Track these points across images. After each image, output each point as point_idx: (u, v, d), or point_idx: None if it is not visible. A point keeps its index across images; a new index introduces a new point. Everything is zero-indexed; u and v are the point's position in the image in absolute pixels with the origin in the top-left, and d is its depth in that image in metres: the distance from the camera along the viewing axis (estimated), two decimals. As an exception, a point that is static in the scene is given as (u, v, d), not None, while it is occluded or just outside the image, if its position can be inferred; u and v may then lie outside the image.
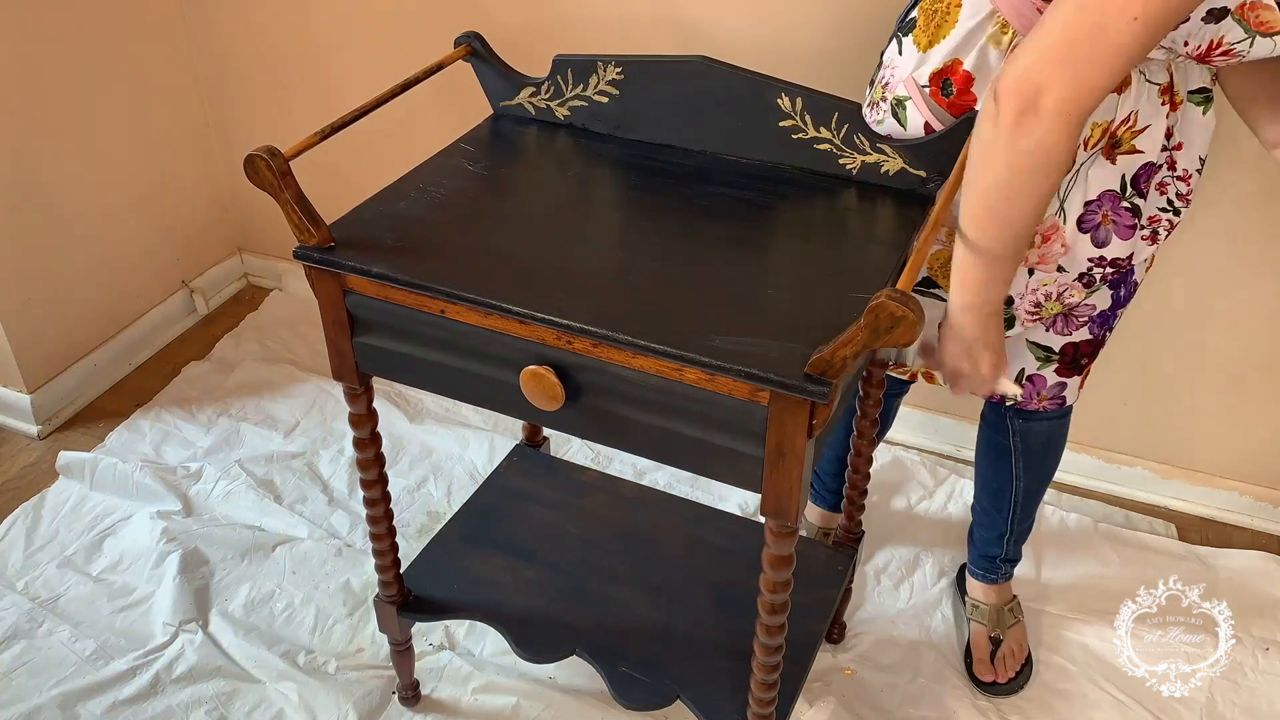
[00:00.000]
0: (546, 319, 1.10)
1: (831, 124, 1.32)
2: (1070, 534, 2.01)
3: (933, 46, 1.25)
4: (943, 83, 1.25)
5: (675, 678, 1.46)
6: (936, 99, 1.26)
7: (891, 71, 1.31)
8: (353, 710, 1.68)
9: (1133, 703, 1.71)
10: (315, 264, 1.20)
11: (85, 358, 2.34)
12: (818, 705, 1.68)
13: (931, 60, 1.25)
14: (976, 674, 1.74)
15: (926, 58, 1.26)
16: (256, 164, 1.14)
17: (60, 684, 1.71)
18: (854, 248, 1.25)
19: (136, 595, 1.88)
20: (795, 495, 1.09)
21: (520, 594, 1.58)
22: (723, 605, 1.55)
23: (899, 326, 0.94)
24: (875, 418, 1.54)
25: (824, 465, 1.86)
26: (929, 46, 1.25)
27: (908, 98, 1.28)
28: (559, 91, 1.44)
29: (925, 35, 1.26)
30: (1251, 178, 1.75)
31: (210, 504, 2.07)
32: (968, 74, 1.23)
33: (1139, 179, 1.28)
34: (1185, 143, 1.30)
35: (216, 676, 1.74)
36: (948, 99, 1.25)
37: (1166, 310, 1.92)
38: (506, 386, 1.18)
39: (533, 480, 1.77)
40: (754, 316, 1.10)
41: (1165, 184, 1.33)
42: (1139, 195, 1.29)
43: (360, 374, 1.30)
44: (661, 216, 1.30)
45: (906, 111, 1.29)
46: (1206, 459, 2.06)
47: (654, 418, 1.12)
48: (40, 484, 2.12)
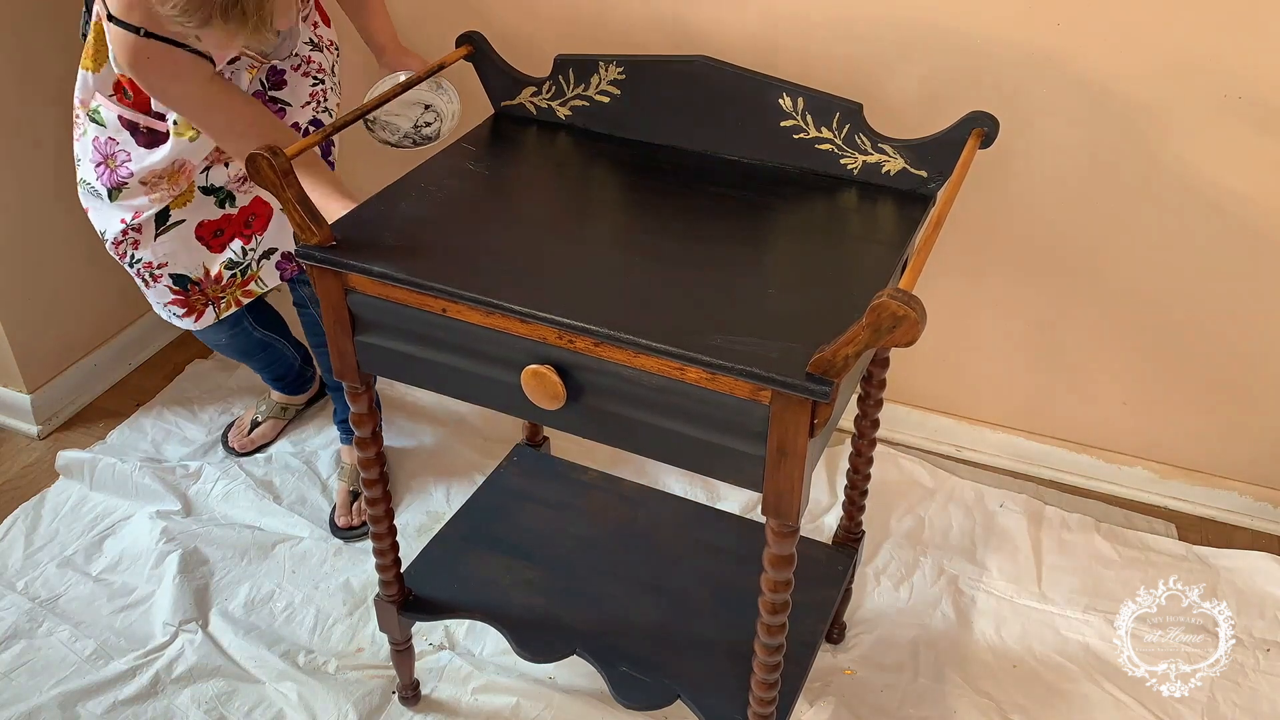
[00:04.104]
0: (548, 318, 1.10)
1: (833, 124, 1.32)
2: (1070, 534, 2.01)
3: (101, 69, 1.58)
4: (121, 90, 1.59)
5: (675, 678, 1.46)
6: (124, 103, 1.59)
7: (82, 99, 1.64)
8: (353, 710, 1.68)
9: (1133, 703, 1.71)
10: (317, 263, 1.20)
11: (85, 358, 2.34)
12: (818, 705, 1.68)
13: (105, 77, 1.58)
14: (337, 521, 2.02)
15: (100, 76, 1.58)
16: (259, 163, 1.14)
17: (60, 684, 1.71)
18: (855, 247, 1.25)
19: (136, 595, 1.88)
20: (796, 495, 1.09)
21: (520, 594, 1.58)
22: (723, 605, 1.55)
23: (900, 326, 0.94)
24: (875, 418, 1.54)
25: None
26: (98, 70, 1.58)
27: (101, 106, 1.60)
28: (560, 91, 1.44)
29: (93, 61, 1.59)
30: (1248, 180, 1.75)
31: (210, 504, 2.07)
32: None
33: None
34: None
35: (216, 676, 1.74)
36: (130, 100, 1.59)
37: (1166, 310, 1.92)
38: (508, 386, 1.18)
39: (533, 480, 1.77)
40: (755, 316, 1.10)
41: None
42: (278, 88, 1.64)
43: (361, 373, 1.30)
44: (663, 216, 1.30)
45: (102, 115, 1.60)
46: (1206, 459, 2.06)
47: (655, 417, 1.12)
48: (40, 484, 2.12)
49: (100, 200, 1.67)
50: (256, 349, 2.08)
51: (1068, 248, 1.92)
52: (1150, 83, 1.71)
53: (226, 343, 2.01)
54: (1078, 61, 1.73)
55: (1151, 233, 1.85)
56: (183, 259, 1.72)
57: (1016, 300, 2.01)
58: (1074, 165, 1.83)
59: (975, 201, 1.89)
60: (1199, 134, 1.73)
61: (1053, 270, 1.95)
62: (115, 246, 1.71)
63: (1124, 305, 1.94)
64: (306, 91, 1.67)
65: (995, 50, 1.76)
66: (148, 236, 1.70)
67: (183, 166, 1.64)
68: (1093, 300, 1.96)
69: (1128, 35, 1.69)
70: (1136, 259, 1.89)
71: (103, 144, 1.62)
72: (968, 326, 2.07)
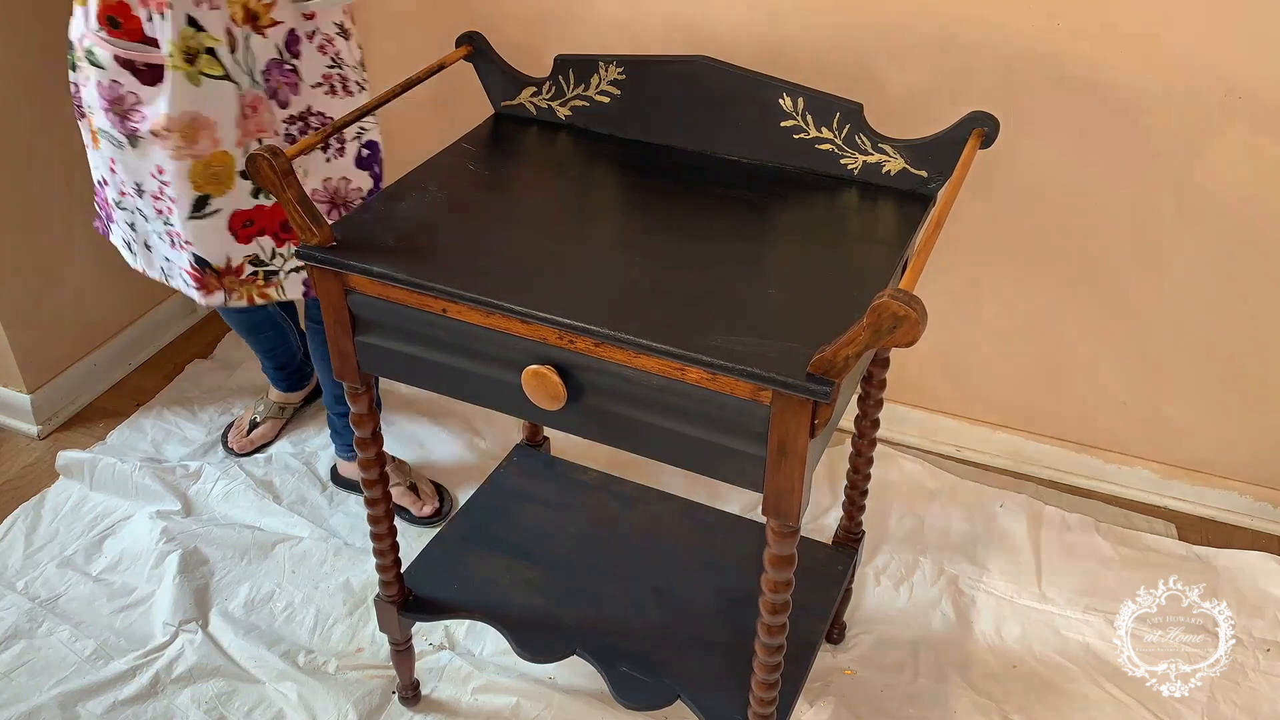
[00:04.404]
0: (548, 318, 1.10)
1: (833, 124, 1.32)
2: (1070, 534, 2.01)
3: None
4: (109, 19, 1.50)
5: (675, 678, 1.46)
6: (114, 35, 1.51)
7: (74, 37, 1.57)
8: (353, 710, 1.68)
9: (1133, 703, 1.71)
10: (317, 263, 1.20)
11: (85, 358, 2.34)
12: (818, 705, 1.68)
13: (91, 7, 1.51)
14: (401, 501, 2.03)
15: (88, 9, 1.51)
16: (259, 163, 1.14)
17: (60, 684, 1.71)
18: (855, 248, 1.25)
19: (136, 595, 1.88)
20: (797, 495, 1.09)
21: (520, 594, 1.58)
22: (723, 605, 1.55)
23: (901, 326, 0.94)
24: (875, 418, 1.54)
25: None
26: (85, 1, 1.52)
27: (94, 45, 1.53)
28: (560, 91, 1.44)
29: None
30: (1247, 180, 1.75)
31: (210, 504, 2.07)
32: (120, 3, 1.49)
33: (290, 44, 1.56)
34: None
35: (216, 676, 1.74)
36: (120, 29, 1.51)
37: (1166, 310, 1.92)
38: (508, 386, 1.18)
39: (533, 480, 1.77)
40: (756, 316, 1.10)
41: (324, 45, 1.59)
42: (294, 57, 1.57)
43: (362, 373, 1.30)
44: (663, 216, 1.30)
45: (97, 54, 1.53)
46: (1206, 459, 2.06)
47: (656, 417, 1.12)
48: (40, 484, 2.12)
49: (123, 150, 1.59)
50: (265, 326, 2.08)
51: (1068, 248, 1.92)
52: (1150, 83, 1.71)
53: (238, 312, 1.99)
54: (1078, 61, 1.73)
55: (1151, 233, 1.85)
56: (210, 244, 1.65)
57: (1016, 300, 2.01)
58: (1074, 165, 1.83)
59: (975, 201, 1.89)
60: (1199, 134, 1.74)
61: (1053, 270, 1.95)
62: (154, 201, 1.63)
63: (1124, 305, 1.94)
64: (320, 71, 1.61)
65: (995, 50, 1.76)
66: (180, 211, 1.62)
67: (196, 122, 1.53)
68: (1093, 300, 1.96)
69: (1127, 35, 1.69)
70: (1136, 259, 1.89)
71: (106, 87, 1.54)
72: (968, 326, 2.08)
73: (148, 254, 1.74)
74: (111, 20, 1.51)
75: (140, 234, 1.72)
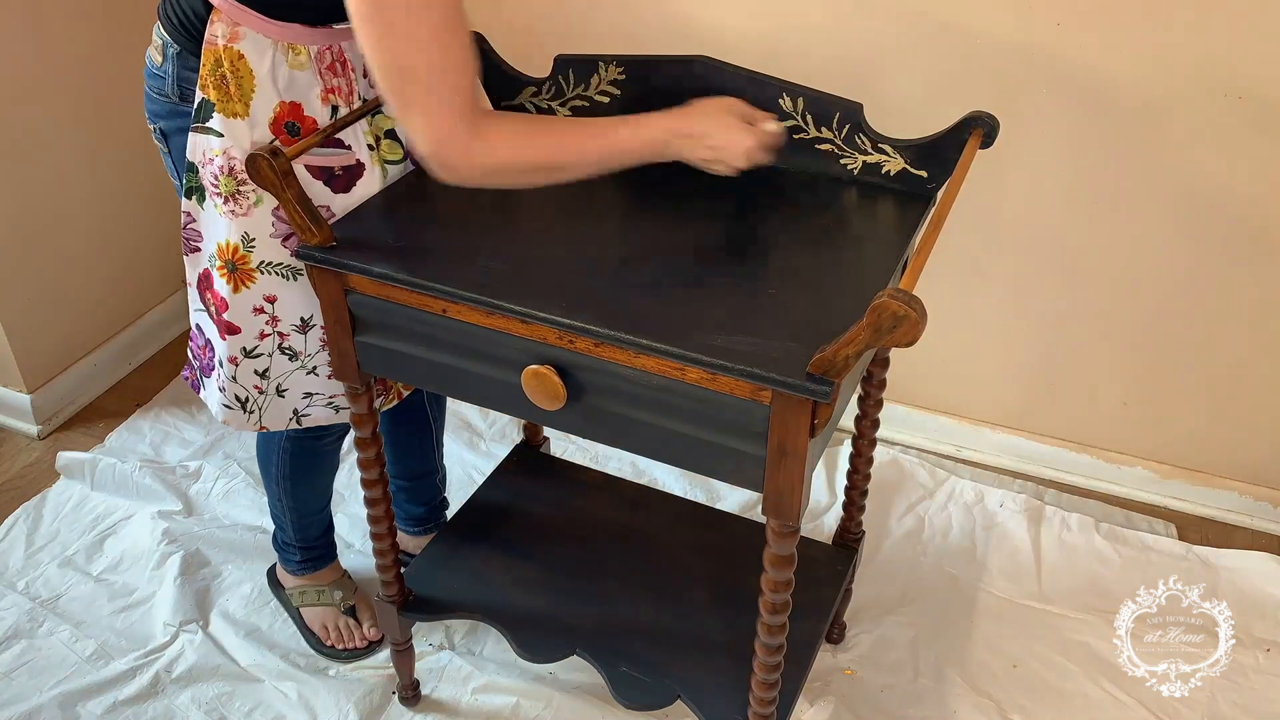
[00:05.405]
0: (548, 318, 1.10)
1: (833, 124, 1.32)
2: (1070, 534, 2.01)
3: (250, 105, 1.23)
4: (287, 126, 1.26)
5: (675, 678, 1.46)
6: (290, 142, 1.25)
7: (228, 158, 1.25)
8: (353, 710, 1.68)
9: (1133, 703, 1.71)
10: (317, 263, 1.20)
11: (85, 358, 2.34)
12: (818, 705, 1.68)
13: (258, 118, 1.24)
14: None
15: (253, 119, 1.24)
16: (259, 163, 1.14)
17: (60, 684, 1.71)
18: (855, 248, 1.25)
19: (137, 595, 1.88)
20: (797, 495, 1.09)
21: (520, 594, 1.58)
22: (723, 605, 1.55)
23: (901, 326, 0.94)
24: (876, 418, 1.54)
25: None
26: (247, 108, 1.23)
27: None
28: (560, 91, 1.44)
29: (233, 103, 1.23)
30: (1247, 180, 1.75)
31: (210, 504, 2.07)
32: (294, 104, 1.26)
33: None
34: None
35: (216, 676, 1.74)
36: (298, 136, 1.27)
37: (1166, 310, 1.92)
38: (508, 386, 1.18)
39: (533, 480, 1.77)
40: (756, 316, 1.10)
41: None
42: None
43: (362, 373, 1.30)
44: (662, 216, 1.30)
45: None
46: (1206, 459, 2.06)
47: (656, 417, 1.12)
48: (41, 484, 2.12)
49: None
50: (410, 418, 1.76)
51: (1068, 247, 1.92)
52: (1150, 82, 1.72)
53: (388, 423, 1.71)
54: (1077, 61, 1.73)
55: (1151, 232, 1.85)
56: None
57: (1016, 300, 2.01)
58: (1074, 165, 1.83)
59: (975, 201, 1.89)
60: (1198, 133, 1.74)
61: (1053, 270, 1.95)
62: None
63: (1124, 305, 1.94)
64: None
65: (995, 50, 1.76)
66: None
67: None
68: (1093, 300, 1.96)
69: (1127, 35, 1.69)
70: (1136, 259, 1.89)
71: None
72: (968, 326, 2.08)
73: (278, 402, 1.44)
74: (290, 127, 1.26)
75: (273, 380, 1.41)
